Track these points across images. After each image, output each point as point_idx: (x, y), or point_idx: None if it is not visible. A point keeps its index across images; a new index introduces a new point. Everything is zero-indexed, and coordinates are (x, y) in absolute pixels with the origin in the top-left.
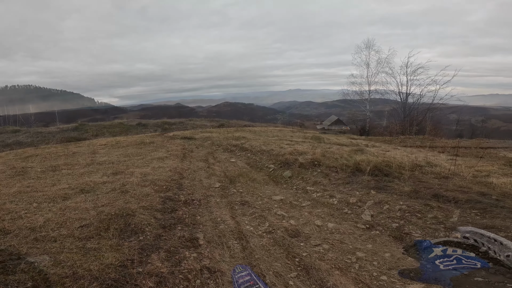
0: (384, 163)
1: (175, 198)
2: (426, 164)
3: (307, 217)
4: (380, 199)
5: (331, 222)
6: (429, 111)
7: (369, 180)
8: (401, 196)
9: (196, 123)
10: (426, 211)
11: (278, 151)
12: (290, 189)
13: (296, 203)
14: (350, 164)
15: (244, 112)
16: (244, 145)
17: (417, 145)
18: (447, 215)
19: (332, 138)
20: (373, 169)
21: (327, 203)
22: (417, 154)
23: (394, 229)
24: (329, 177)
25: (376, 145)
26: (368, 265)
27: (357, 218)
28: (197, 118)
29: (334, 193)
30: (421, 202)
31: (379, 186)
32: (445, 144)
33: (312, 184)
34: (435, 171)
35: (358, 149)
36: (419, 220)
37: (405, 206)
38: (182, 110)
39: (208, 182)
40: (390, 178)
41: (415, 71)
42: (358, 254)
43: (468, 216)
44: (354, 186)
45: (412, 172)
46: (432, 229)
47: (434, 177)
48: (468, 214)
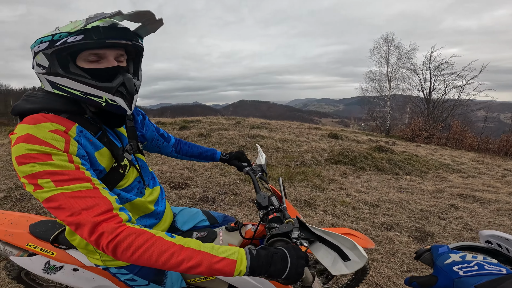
0: (406, 161)
1: (190, 196)
2: (452, 162)
3: (320, 218)
4: (400, 198)
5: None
6: (455, 107)
7: (389, 179)
8: (423, 196)
9: (213, 121)
10: (450, 211)
11: (294, 149)
12: (305, 187)
13: (312, 202)
14: (369, 162)
15: (260, 110)
16: (260, 143)
17: (442, 143)
18: (473, 216)
19: (350, 136)
20: (393, 167)
21: (344, 202)
22: (442, 152)
23: (414, 230)
24: (347, 175)
25: (397, 142)
26: (385, 267)
27: (375, 218)
28: (214, 116)
29: (351, 192)
30: (445, 202)
31: (399, 185)
32: (472, 142)
33: (329, 182)
34: (461, 169)
35: (377, 146)
36: (442, 221)
37: (426, 206)
38: (199, 108)
39: (223, 180)
40: (412, 177)
41: (439, 66)
42: (375, 256)
43: (496, 218)
44: (373, 185)
45: (437, 171)
46: (457, 230)
47: (459, 176)
48: (496, 216)
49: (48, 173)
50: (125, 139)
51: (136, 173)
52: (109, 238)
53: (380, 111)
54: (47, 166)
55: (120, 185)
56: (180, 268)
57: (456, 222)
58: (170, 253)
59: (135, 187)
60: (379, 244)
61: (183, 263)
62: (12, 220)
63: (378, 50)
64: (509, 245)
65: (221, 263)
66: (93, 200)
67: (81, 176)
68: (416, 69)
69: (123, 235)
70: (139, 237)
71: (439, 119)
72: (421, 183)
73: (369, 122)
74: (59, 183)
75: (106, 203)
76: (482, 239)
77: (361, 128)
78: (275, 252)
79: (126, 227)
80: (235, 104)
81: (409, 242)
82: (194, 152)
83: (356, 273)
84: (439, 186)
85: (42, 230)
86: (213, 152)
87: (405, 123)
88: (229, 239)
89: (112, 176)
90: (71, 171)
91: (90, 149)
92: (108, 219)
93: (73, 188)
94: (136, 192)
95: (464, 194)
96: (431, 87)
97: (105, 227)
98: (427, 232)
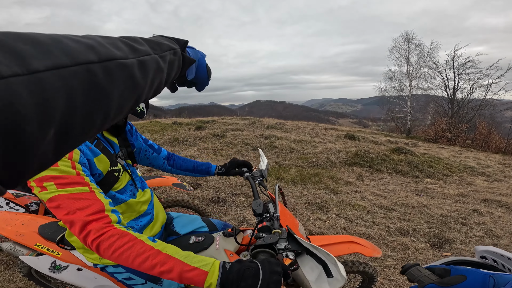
0: (427, 163)
1: (201, 196)
2: (477, 165)
3: (332, 221)
4: (419, 202)
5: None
6: (481, 107)
7: (408, 182)
8: (444, 200)
9: (228, 121)
10: (472, 217)
11: (309, 150)
12: (319, 189)
13: (324, 204)
14: (387, 164)
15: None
16: (274, 144)
17: (467, 145)
18: (496, 221)
19: (368, 137)
20: (413, 170)
21: (358, 205)
22: (466, 154)
23: (432, 235)
24: (362, 177)
25: (418, 144)
26: (396, 274)
27: (390, 223)
28: (229, 117)
29: (367, 195)
30: (467, 207)
31: (419, 189)
32: (499, 144)
33: (343, 185)
34: (486, 172)
35: (396, 148)
36: (464, 226)
37: (447, 211)
38: (215, 108)
39: (235, 181)
40: (434, 180)
41: (463, 65)
42: (387, 262)
43: None
44: (390, 188)
45: (460, 174)
46: (478, 236)
47: (484, 180)
48: None
49: (52, 177)
50: (116, 147)
51: (128, 177)
52: (94, 236)
53: (400, 111)
54: (52, 171)
55: (115, 188)
56: (153, 271)
57: (478, 228)
58: (146, 256)
59: (128, 189)
60: (393, 250)
61: (156, 267)
62: (24, 221)
63: (397, 49)
64: (504, 261)
65: (192, 272)
66: (88, 202)
67: (80, 181)
68: (439, 68)
69: (107, 235)
70: (121, 239)
71: (464, 120)
72: (442, 187)
73: (388, 123)
74: (60, 186)
75: (99, 205)
76: (478, 254)
77: (380, 128)
78: (247, 267)
79: (112, 228)
80: (251, 104)
81: (425, 249)
82: (188, 166)
83: (363, 280)
84: (462, 190)
85: (50, 231)
86: (208, 166)
87: (427, 123)
88: (226, 245)
89: (108, 179)
90: (72, 176)
91: (89, 156)
92: (98, 219)
93: (72, 190)
94: (129, 194)
95: (488, 199)
96: (455, 86)
97: (93, 226)
98: (446, 238)
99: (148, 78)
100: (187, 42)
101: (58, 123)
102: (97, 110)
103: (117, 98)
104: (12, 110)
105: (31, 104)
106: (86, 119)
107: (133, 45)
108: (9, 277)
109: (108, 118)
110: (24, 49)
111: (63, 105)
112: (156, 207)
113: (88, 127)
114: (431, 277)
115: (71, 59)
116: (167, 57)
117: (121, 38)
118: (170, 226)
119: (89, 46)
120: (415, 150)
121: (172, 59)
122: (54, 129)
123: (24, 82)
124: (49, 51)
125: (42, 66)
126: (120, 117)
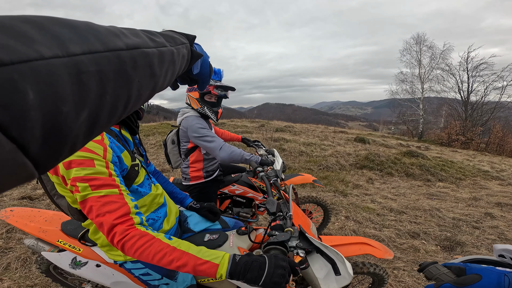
0: (439, 167)
1: None
2: (491, 169)
3: (341, 224)
4: (431, 206)
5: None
6: (496, 110)
7: (419, 185)
8: (457, 204)
9: (237, 123)
10: (485, 220)
11: (318, 153)
12: (328, 192)
13: (333, 207)
14: (398, 167)
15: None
16: (283, 146)
17: (481, 148)
18: (509, 225)
19: (378, 140)
20: (425, 173)
21: (368, 208)
22: (480, 158)
23: (443, 238)
24: (372, 181)
25: (430, 147)
26: (406, 276)
27: (400, 225)
28: (238, 119)
29: (376, 198)
30: (480, 211)
31: (431, 192)
32: None
33: (353, 188)
34: (501, 176)
35: (407, 151)
36: (476, 230)
37: (459, 215)
38: (224, 111)
39: None
40: (446, 184)
41: (477, 66)
42: (396, 264)
43: None
44: (401, 192)
45: (474, 178)
46: (490, 240)
47: (498, 184)
48: None
49: (88, 178)
50: (131, 144)
51: (145, 172)
52: (119, 238)
53: (412, 114)
54: (88, 171)
55: (137, 181)
56: (171, 266)
57: (491, 232)
58: (163, 253)
59: (145, 183)
60: (403, 253)
61: (173, 262)
62: (47, 218)
63: (408, 51)
64: None
65: (204, 265)
66: (116, 205)
67: (112, 183)
68: (452, 70)
69: (129, 236)
70: (141, 239)
71: (478, 123)
72: (455, 191)
73: (399, 126)
74: (94, 188)
75: (125, 208)
76: (496, 253)
77: (391, 132)
78: (255, 260)
79: (133, 229)
80: (260, 107)
81: (436, 251)
82: (167, 188)
83: (373, 282)
84: (475, 194)
85: (72, 227)
86: (184, 197)
87: (440, 126)
88: (239, 243)
89: (131, 173)
90: (105, 178)
91: (118, 152)
92: (123, 222)
93: (104, 192)
94: (148, 188)
95: (502, 203)
96: (469, 88)
97: (118, 228)
98: (458, 241)
99: (164, 68)
100: (195, 37)
101: (90, 106)
102: (122, 96)
103: (137, 86)
104: (52, 90)
105: (68, 86)
106: (113, 104)
107: (151, 36)
108: (26, 274)
109: (128, 106)
110: (62, 32)
111: (96, 89)
112: (167, 199)
113: (113, 113)
114: (449, 275)
115: (104, 45)
116: (180, 50)
117: (141, 30)
118: (185, 224)
119: (116, 34)
120: (427, 154)
121: (183, 52)
122: (87, 112)
123: (63, 64)
124: (85, 36)
125: (79, 50)
126: (137, 106)
